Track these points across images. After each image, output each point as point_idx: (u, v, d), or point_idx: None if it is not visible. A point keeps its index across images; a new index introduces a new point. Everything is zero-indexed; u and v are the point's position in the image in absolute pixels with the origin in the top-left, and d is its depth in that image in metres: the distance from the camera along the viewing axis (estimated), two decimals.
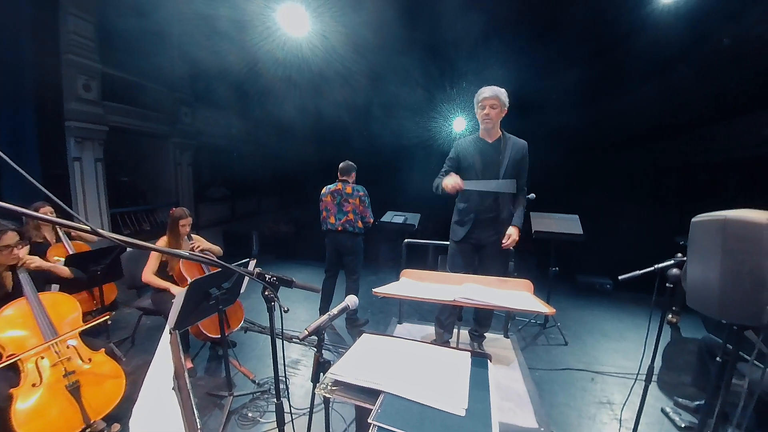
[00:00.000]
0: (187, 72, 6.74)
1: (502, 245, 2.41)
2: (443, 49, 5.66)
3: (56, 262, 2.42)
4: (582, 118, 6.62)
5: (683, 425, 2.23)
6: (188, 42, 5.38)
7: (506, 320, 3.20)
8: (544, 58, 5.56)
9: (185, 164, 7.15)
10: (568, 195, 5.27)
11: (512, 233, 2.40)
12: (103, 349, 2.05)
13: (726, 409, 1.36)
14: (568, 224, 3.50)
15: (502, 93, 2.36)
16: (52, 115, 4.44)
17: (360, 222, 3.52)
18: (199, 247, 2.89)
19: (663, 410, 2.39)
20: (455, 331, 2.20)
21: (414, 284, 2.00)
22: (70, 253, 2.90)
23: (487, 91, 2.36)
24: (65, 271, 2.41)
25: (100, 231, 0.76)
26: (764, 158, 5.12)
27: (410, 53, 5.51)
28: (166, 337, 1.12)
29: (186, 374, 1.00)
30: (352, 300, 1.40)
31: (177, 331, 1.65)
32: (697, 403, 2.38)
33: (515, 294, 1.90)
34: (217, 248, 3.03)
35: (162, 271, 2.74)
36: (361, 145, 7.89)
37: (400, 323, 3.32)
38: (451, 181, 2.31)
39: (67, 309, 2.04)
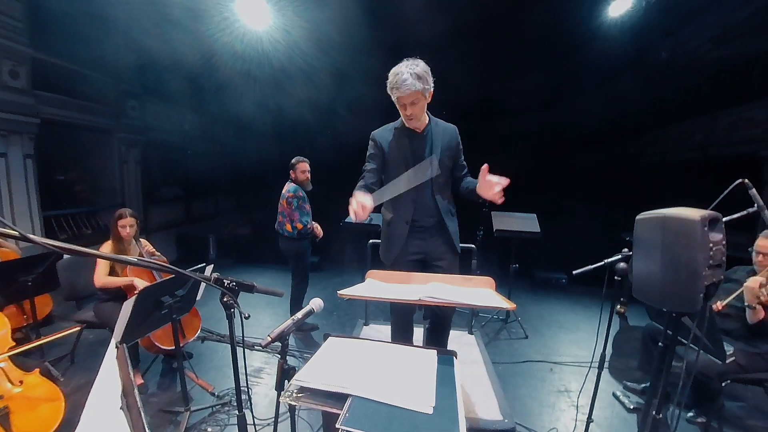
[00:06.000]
0: (134, 62, 6.20)
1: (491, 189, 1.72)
2: (406, 51, 5.72)
3: None
4: (539, 123, 7.00)
5: (632, 407, 2.42)
6: (136, 29, 4.95)
7: (470, 317, 3.30)
8: (503, 66, 5.81)
9: (132, 162, 6.60)
10: (526, 195, 5.53)
11: (494, 180, 1.72)
12: (37, 370, 1.84)
13: (668, 389, 1.49)
14: (527, 223, 3.68)
15: (422, 79, 1.75)
16: None
17: (288, 225, 3.28)
18: (148, 250, 2.68)
19: (614, 394, 2.58)
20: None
21: (380, 285, 1.98)
22: None
23: (402, 88, 1.74)
24: None
25: (31, 236, 0.67)
26: (696, 161, 5.72)
27: (374, 53, 5.51)
28: (111, 351, 1.02)
29: (136, 391, 0.91)
30: (317, 303, 1.35)
31: (124, 344, 1.51)
32: (644, 385, 2.59)
33: (478, 291, 1.94)
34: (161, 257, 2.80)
35: None
36: (325, 145, 7.75)
37: (367, 324, 3.30)
38: (356, 202, 1.58)
39: None
